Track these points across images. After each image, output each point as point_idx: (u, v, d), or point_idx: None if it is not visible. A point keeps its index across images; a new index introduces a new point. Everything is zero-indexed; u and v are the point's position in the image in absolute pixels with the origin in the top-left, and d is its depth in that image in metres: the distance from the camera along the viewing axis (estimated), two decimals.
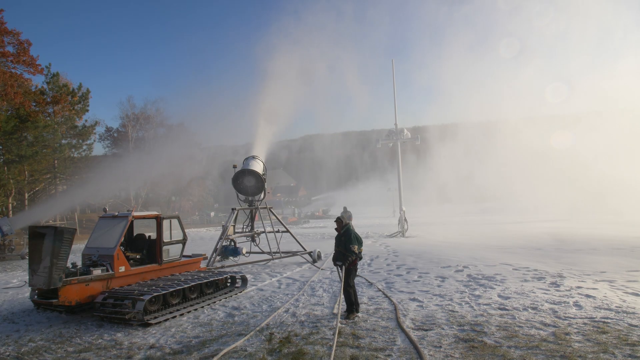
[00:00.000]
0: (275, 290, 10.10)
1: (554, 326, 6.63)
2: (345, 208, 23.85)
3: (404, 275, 11.27)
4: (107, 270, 8.25)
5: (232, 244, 14.49)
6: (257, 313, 8.12)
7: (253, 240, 15.10)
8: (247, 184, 15.14)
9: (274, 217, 15.60)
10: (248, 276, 11.31)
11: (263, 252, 14.76)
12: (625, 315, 7.09)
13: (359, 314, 7.65)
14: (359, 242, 7.71)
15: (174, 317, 7.93)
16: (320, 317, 7.60)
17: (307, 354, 5.77)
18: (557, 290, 8.93)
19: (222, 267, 12.67)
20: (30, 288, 8.28)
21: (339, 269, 7.69)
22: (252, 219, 15.55)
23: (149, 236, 9.87)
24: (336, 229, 7.97)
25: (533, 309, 7.65)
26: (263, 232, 15.05)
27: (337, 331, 6.47)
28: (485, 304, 8.08)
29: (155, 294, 7.68)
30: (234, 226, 14.95)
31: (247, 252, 14.46)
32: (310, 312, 8.01)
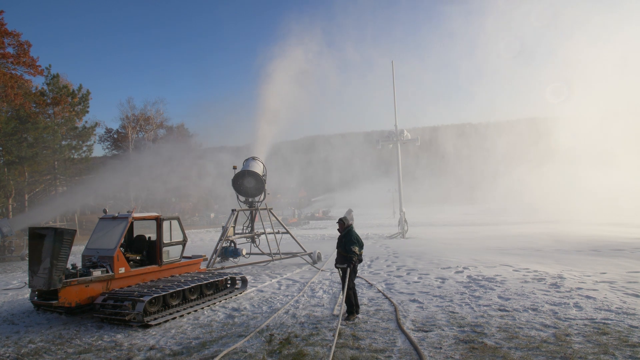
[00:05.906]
0: (275, 292, 10.09)
1: (555, 327, 6.62)
2: (350, 210, 23.92)
3: (404, 277, 11.26)
4: (107, 272, 8.24)
5: (232, 245, 14.48)
6: (257, 314, 8.11)
7: (253, 241, 15.09)
8: (247, 185, 15.13)
9: (274, 218, 15.59)
10: (248, 277, 11.30)
11: (263, 254, 14.74)
12: (625, 316, 7.08)
13: (359, 315, 7.64)
14: (360, 245, 7.72)
15: (174, 318, 7.92)
16: (320, 319, 7.59)
17: (307, 355, 5.76)
18: (558, 292, 8.92)
19: (222, 268, 12.65)
20: (30, 289, 8.27)
21: (341, 271, 7.69)
22: (252, 220, 15.53)
23: (149, 237, 9.86)
24: (338, 230, 7.98)
25: (533, 310, 7.64)
26: (263, 233, 15.04)
27: (337, 332, 6.46)
28: (486, 305, 8.07)
29: (155, 295, 7.68)
30: (234, 227, 14.93)
31: (247, 254, 14.45)
32: (311, 313, 8.00)
